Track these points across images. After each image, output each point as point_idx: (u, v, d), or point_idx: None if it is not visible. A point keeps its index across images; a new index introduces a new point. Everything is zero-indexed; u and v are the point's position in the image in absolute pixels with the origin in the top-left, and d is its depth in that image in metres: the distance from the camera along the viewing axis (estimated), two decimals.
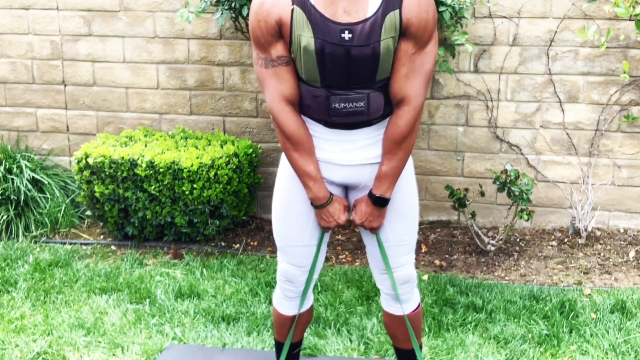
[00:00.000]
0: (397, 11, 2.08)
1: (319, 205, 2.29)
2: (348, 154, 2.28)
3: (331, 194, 2.30)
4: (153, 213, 4.10)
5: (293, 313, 2.55)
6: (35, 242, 4.35)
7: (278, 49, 2.15)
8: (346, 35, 2.09)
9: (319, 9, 2.09)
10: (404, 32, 2.11)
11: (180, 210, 4.08)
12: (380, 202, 2.27)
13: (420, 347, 2.63)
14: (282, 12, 2.10)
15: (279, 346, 2.67)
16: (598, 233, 4.34)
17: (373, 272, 2.50)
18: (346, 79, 2.15)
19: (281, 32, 2.13)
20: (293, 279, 2.46)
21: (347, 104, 2.18)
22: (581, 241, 4.21)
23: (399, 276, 2.42)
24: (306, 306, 2.58)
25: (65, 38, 4.72)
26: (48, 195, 4.53)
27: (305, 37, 2.10)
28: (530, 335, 3.19)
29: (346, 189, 2.40)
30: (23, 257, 4.06)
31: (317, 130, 2.28)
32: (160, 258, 4.12)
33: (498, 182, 3.93)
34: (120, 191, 4.09)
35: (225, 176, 4.04)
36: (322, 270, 3.82)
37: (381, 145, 2.27)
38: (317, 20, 2.09)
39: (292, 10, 2.10)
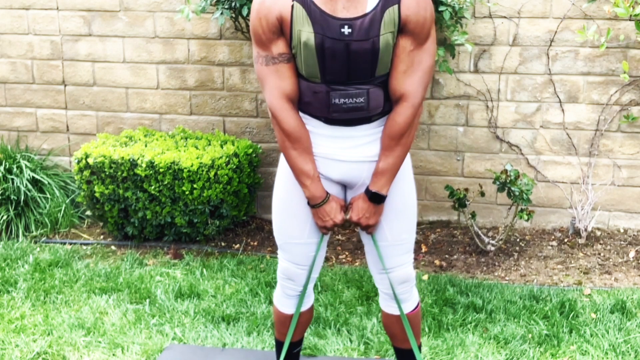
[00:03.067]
0: (395, 7, 2.11)
1: (315, 204, 2.30)
2: (347, 151, 2.29)
3: (328, 193, 2.30)
4: (153, 213, 4.10)
5: (292, 311, 2.55)
6: (35, 242, 4.35)
7: (279, 46, 2.16)
8: (346, 30, 2.12)
9: (318, 5, 2.12)
10: (402, 28, 2.13)
11: (180, 210, 4.08)
12: (376, 199, 2.27)
13: (420, 347, 2.63)
14: (283, 8, 2.13)
15: (279, 345, 2.67)
16: (598, 233, 4.34)
17: (372, 272, 2.50)
18: (346, 74, 2.16)
19: (282, 29, 2.15)
20: (293, 277, 2.46)
21: (347, 100, 2.19)
22: (581, 241, 4.21)
23: (397, 275, 2.42)
24: (307, 305, 2.58)
25: (65, 38, 4.72)
26: (48, 195, 4.53)
27: (305, 32, 2.12)
28: (530, 335, 3.19)
29: (344, 188, 2.40)
30: (23, 257, 4.06)
31: (317, 127, 2.28)
32: (160, 258, 4.12)
33: (498, 182, 3.93)
34: (120, 191, 4.09)
35: (225, 176, 4.04)
36: (322, 270, 3.82)
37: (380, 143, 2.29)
38: (316, 16, 2.12)
39: (292, 6, 2.12)
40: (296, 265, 2.44)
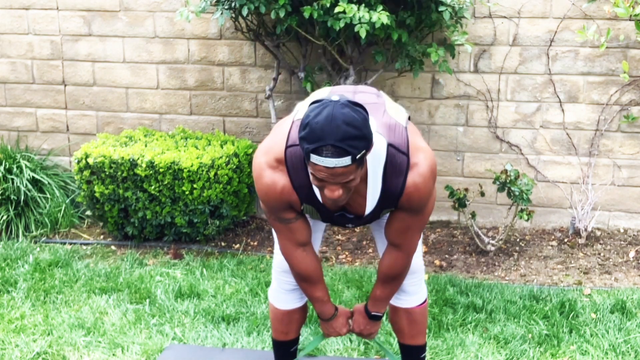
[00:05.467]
0: (392, 208, 2.20)
1: (324, 320, 2.46)
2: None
3: (336, 309, 2.46)
4: (153, 213, 4.10)
5: (290, 307, 2.57)
6: (35, 242, 4.35)
7: (289, 214, 2.24)
8: (349, 222, 2.29)
9: (326, 205, 2.18)
10: (399, 208, 2.19)
11: (180, 210, 4.08)
12: (375, 318, 2.46)
13: (425, 346, 2.63)
14: (293, 202, 2.19)
15: (276, 345, 2.68)
16: (598, 233, 4.34)
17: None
18: (346, 226, 2.38)
19: (292, 207, 2.22)
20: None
21: (344, 227, 2.44)
22: (581, 241, 4.21)
23: None
24: (301, 302, 2.58)
25: (65, 38, 4.72)
26: (48, 195, 4.53)
27: (315, 216, 2.29)
28: (530, 335, 3.19)
29: None
30: (23, 257, 4.06)
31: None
32: (160, 258, 4.12)
33: (498, 182, 3.93)
34: (120, 191, 4.09)
35: (225, 176, 4.04)
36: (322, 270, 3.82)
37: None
38: (324, 211, 2.23)
39: (302, 206, 2.21)
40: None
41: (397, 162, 2.09)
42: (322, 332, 2.54)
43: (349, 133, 1.87)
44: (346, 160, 1.88)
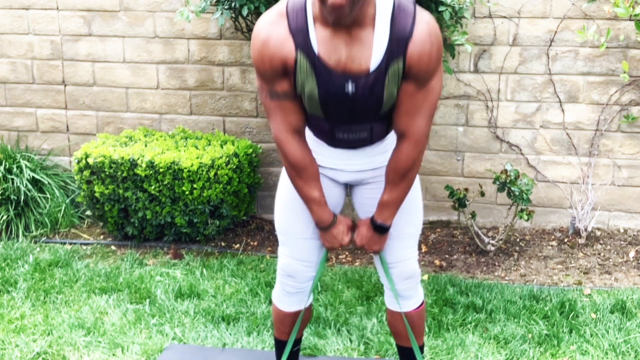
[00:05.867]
0: (400, 59, 2.05)
1: (323, 228, 2.34)
2: (351, 163, 2.34)
3: (335, 215, 2.34)
4: (153, 213, 4.10)
5: (293, 309, 2.55)
6: (35, 242, 4.35)
7: (283, 85, 2.13)
8: (349, 87, 2.08)
9: (322, 57, 2.06)
10: (406, 74, 2.08)
11: (180, 210, 4.08)
12: (381, 230, 2.32)
13: (423, 347, 2.63)
14: (287, 56, 2.07)
15: (278, 344, 2.67)
16: (598, 233, 4.34)
17: (377, 265, 2.50)
18: (349, 117, 2.17)
19: (286, 72, 2.11)
20: (294, 274, 2.46)
21: (350, 134, 2.23)
22: (581, 241, 4.21)
23: (401, 271, 2.42)
24: (306, 304, 2.58)
25: (65, 38, 4.72)
26: (48, 195, 4.53)
27: (309, 84, 2.09)
28: (530, 335, 3.19)
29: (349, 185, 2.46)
30: (23, 257, 4.06)
31: (321, 146, 2.33)
32: (160, 258, 4.12)
33: (498, 182, 3.93)
34: (120, 191, 4.09)
35: (225, 176, 4.04)
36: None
37: (381, 156, 2.32)
38: (321, 70, 2.07)
39: (296, 56, 2.06)
40: (299, 262, 2.44)
41: (405, 6, 2.04)
42: (324, 245, 2.40)
43: None
44: None
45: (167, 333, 3.23)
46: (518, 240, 4.31)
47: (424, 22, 2.04)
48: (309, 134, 2.32)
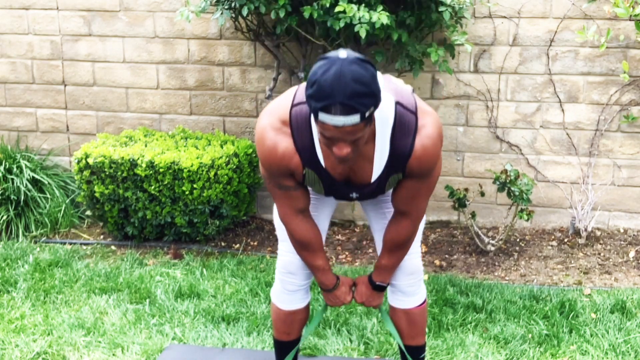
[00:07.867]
0: (400, 172, 2.15)
1: (327, 290, 2.43)
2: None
3: (338, 278, 2.43)
4: (153, 213, 4.10)
5: (293, 308, 2.56)
6: (35, 242, 4.35)
7: (290, 182, 2.20)
8: (354, 194, 2.24)
9: (329, 169, 2.15)
10: (406, 175, 2.17)
11: (180, 210, 4.08)
12: (379, 288, 2.43)
13: (424, 346, 2.63)
14: (295, 169, 2.16)
15: (278, 345, 2.67)
16: (598, 233, 4.34)
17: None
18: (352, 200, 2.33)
19: (293, 174, 2.18)
20: (295, 270, 2.47)
21: (348, 199, 2.34)
22: (581, 241, 4.21)
23: (404, 266, 2.44)
24: (304, 303, 2.58)
25: (65, 38, 4.72)
26: (48, 195, 4.53)
27: (316, 187, 2.23)
28: (530, 335, 3.19)
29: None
30: (23, 257, 4.06)
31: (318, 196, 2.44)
32: (160, 258, 4.12)
33: (498, 182, 3.93)
34: (120, 191, 4.09)
35: (225, 176, 4.04)
36: None
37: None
38: (327, 180, 2.18)
39: (304, 170, 2.16)
40: (299, 257, 2.44)
41: (406, 121, 2.06)
42: (326, 303, 2.51)
43: (357, 90, 1.83)
44: (355, 118, 1.86)
45: (167, 333, 3.23)
46: (518, 240, 4.30)
47: (425, 138, 2.09)
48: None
